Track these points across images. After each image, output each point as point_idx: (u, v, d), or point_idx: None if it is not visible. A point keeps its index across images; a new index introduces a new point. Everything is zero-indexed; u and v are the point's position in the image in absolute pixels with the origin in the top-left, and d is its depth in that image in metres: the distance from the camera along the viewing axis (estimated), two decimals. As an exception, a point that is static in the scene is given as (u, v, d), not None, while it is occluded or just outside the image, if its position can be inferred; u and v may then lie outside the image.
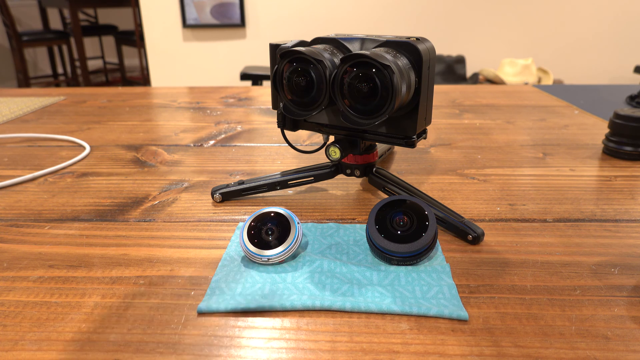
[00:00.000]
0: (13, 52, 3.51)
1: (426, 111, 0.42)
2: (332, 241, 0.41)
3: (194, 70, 2.66)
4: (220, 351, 0.29)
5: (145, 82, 3.44)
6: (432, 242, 0.37)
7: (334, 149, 0.44)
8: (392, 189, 0.47)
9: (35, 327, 0.31)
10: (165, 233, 0.43)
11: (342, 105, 0.38)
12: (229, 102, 0.97)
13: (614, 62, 2.61)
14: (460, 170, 0.58)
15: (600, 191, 0.52)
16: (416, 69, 0.39)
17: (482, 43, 2.58)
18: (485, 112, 0.86)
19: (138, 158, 0.63)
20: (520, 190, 0.52)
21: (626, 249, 0.40)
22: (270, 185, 0.49)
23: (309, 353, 0.29)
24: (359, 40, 0.42)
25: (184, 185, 0.54)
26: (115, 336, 0.30)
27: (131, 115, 0.86)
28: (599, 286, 0.35)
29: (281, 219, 0.38)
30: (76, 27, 3.21)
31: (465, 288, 0.35)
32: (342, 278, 0.35)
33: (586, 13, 2.52)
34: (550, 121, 0.80)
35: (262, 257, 0.37)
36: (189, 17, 2.52)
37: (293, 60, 0.39)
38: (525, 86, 1.11)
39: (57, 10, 4.07)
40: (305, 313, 0.32)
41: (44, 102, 0.95)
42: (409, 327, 0.31)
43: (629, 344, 0.29)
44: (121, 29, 3.83)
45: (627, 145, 0.60)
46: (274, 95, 0.46)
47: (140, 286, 0.35)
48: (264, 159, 0.63)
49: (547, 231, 0.43)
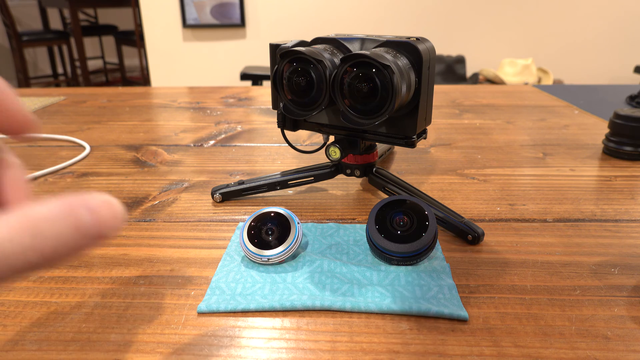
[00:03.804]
0: (13, 52, 3.51)
1: (426, 111, 0.42)
2: (332, 241, 0.41)
3: (194, 70, 2.66)
4: (220, 351, 0.29)
5: (145, 82, 3.44)
6: (432, 242, 0.37)
7: (334, 149, 0.44)
8: (392, 189, 0.47)
9: (35, 327, 0.31)
10: (165, 233, 0.43)
11: (342, 105, 0.38)
12: (229, 102, 0.97)
13: (614, 62, 2.61)
14: (460, 170, 0.58)
15: (600, 191, 0.52)
16: (416, 69, 0.39)
17: (482, 43, 2.58)
18: (485, 112, 0.86)
19: (138, 158, 0.63)
20: (520, 190, 0.52)
21: (626, 249, 0.40)
22: (270, 185, 0.49)
23: (309, 353, 0.29)
24: (359, 40, 0.42)
25: (184, 185, 0.54)
26: (115, 336, 0.30)
27: (131, 115, 0.86)
28: (599, 286, 0.35)
29: (281, 219, 0.38)
30: (76, 27, 3.21)
31: (465, 288, 0.35)
32: (342, 278, 0.35)
33: (586, 13, 2.52)
34: (550, 121, 0.80)
35: (262, 257, 0.37)
36: (189, 17, 2.52)
37: (293, 60, 0.39)
38: (525, 86, 1.11)
39: (57, 10, 4.07)
40: (305, 313, 0.32)
41: (44, 102, 0.95)
42: (409, 327, 0.31)
43: (629, 344, 0.29)
44: (121, 29, 3.83)
45: (627, 145, 0.60)
46: (274, 95, 0.46)
47: (140, 286, 0.35)
48: (264, 159, 0.63)
49: (547, 231, 0.43)
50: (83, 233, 0.15)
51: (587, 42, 2.57)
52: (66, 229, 0.14)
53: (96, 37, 4.10)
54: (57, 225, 0.14)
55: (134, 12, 3.17)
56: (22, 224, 0.14)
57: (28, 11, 4.21)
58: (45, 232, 0.14)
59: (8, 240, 0.13)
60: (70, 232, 0.14)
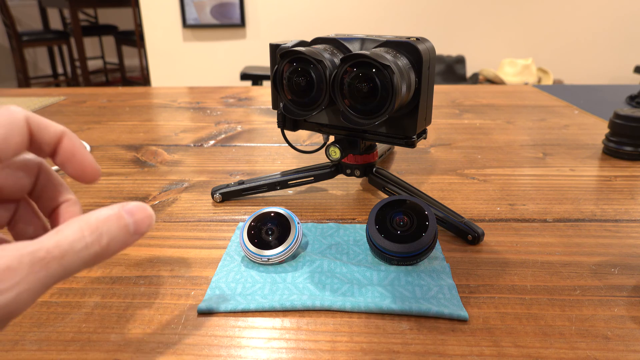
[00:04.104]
0: (13, 52, 3.51)
1: (426, 111, 0.42)
2: (332, 241, 0.41)
3: (194, 70, 2.66)
4: (220, 351, 0.29)
5: (145, 82, 3.44)
6: (432, 242, 0.37)
7: (334, 149, 0.44)
8: (392, 189, 0.47)
9: (35, 327, 0.31)
10: (165, 233, 0.43)
11: (342, 105, 0.38)
12: (229, 102, 0.97)
13: (614, 62, 2.61)
14: (460, 170, 0.58)
15: (600, 191, 0.52)
16: (416, 69, 0.39)
17: (482, 43, 2.58)
18: (485, 112, 0.86)
19: (138, 158, 0.63)
20: (520, 190, 0.52)
21: (626, 249, 0.40)
22: (270, 185, 0.49)
23: (309, 353, 0.29)
24: (359, 40, 0.42)
25: (184, 185, 0.54)
26: (115, 336, 0.30)
27: (131, 115, 0.86)
28: (599, 286, 0.35)
29: (281, 219, 0.38)
30: (76, 27, 3.21)
31: (465, 288, 0.35)
32: (342, 278, 0.35)
33: (586, 13, 2.52)
34: (550, 121, 0.80)
35: (262, 257, 0.37)
36: (189, 17, 2.52)
37: (293, 60, 0.39)
38: (525, 86, 1.11)
39: (57, 10, 4.07)
40: (305, 313, 0.32)
41: (44, 102, 0.95)
42: (409, 327, 0.31)
43: (629, 344, 0.29)
44: (121, 29, 3.83)
45: (627, 145, 0.60)
46: (274, 95, 0.46)
47: (140, 286, 0.35)
48: (264, 159, 0.63)
49: (547, 231, 0.43)
50: (127, 230, 0.20)
51: (587, 42, 2.57)
52: (116, 228, 0.20)
53: (96, 37, 4.10)
54: (109, 225, 0.20)
55: (134, 12, 3.17)
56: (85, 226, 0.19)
57: (28, 11, 4.21)
58: (102, 231, 0.20)
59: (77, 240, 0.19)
60: (119, 230, 0.20)
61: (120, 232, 0.20)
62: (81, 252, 0.19)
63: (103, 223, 0.20)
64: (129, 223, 0.20)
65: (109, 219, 0.20)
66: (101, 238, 0.19)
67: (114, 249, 0.20)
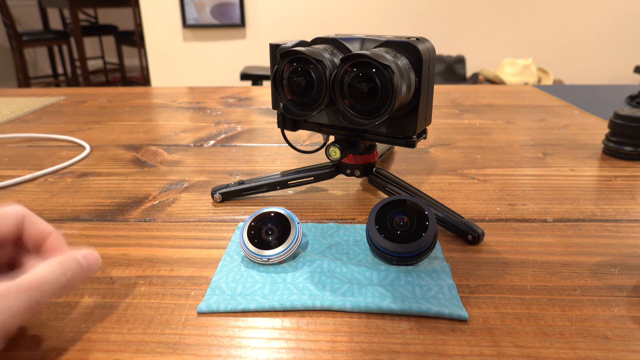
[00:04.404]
0: (13, 52, 3.51)
1: (426, 111, 0.42)
2: (332, 241, 0.41)
3: (194, 70, 2.66)
4: (220, 351, 0.29)
5: (145, 82, 3.44)
6: (432, 242, 0.37)
7: (334, 149, 0.44)
8: (392, 189, 0.47)
9: (35, 327, 0.31)
10: (165, 233, 0.43)
11: (342, 105, 0.38)
12: (229, 102, 0.97)
13: (614, 62, 2.61)
14: (460, 170, 0.58)
15: (600, 191, 0.52)
16: (416, 69, 0.39)
17: (482, 43, 2.59)
18: (485, 112, 0.86)
19: (138, 158, 0.63)
20: (520, 190, 0.52)
21: (626, 249, 0.40)
22: (270, 185, 0.49)
23: (309, 353, 0.29)
24: (359, 40, 0.42)
25: (184, 185, 0.54)
26: (115, 336, 0.30)
27: (131, 115, 0.86)
28: (599, 286, 0.35)
29: (281, 219, 0.38)
30: (76, 27, 3.21)
31: (465, 288, 0.35)
32: (342, 278, 0.35)
33: (586, 13, 2.52)
34: (550, 121, 0.80)
35: (262, 257, 0.37)
36: (189, 17, 2.52)
37: (293, 60, 0.39)
38: (525, 86, 1.11)
39: (57, 10, 4.07)
40: (305, 313, 0.32)
41: (44, 102, 0.95)
42: (409, 327, 0.31)
43: (629, 344, 0.29)
44: (121, 29, 3.83)
45: (627, 145, 0.60)
46: (274, 95, 0.46)
47: (140, 286, 0.35)
48: (264, 159, 0.63)
49: (547, 231, 0.43)
50: (82, 268, 0.29)
51: (587, 42, 2.58)
52: (76, 266, 0.29)
53: (96, 37, 4.10)
54: (71, 264, 0.28)
55: (134, 12, 3.17)
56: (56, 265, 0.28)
57: (28, 11, 4.21)
58: (66, 268, 0.28)
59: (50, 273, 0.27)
60: (78, 267, 0.29)
61: (78, 269, 0.29)
62: (53, 282, 0.27)
63: (67, 262, 0.28)
64: (84, 264, 0.29)
65: (70, 260, 0.28)
66: (66, 273, 0.28)
67: (75, 281, 0.28)
